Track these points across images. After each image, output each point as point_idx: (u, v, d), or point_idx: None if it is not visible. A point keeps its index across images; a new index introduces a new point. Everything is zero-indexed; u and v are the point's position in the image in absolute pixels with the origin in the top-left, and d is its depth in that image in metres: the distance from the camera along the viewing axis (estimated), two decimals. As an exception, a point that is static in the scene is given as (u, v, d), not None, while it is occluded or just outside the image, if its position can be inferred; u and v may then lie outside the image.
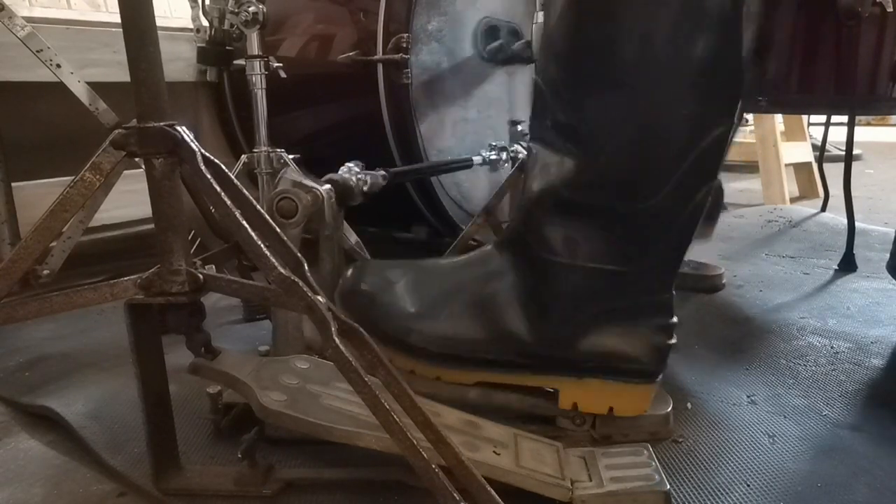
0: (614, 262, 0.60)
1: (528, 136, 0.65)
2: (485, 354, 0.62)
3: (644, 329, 0.60)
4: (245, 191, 0.52)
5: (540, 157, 0.62)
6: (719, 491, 0.55)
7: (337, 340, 0.45)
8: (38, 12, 1.26)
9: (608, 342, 0.60)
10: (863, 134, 3.54)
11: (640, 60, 0.55)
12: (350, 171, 0.82)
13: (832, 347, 0.84)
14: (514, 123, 1.27)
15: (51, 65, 0.91)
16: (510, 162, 1.18)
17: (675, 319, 0.61)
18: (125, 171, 0.51)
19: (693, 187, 0.58)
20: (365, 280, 0.66)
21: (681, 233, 0.60)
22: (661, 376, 0.62)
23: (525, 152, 1.21)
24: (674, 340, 0.61)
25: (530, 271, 0.62)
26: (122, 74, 0.52)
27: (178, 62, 1.21)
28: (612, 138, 0.57)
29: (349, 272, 0.67)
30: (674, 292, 0.62)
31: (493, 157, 1.16)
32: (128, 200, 1.00)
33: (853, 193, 1.20)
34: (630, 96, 0.56)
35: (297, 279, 0.46)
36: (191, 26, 1.16)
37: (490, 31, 1.22)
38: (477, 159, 1.14)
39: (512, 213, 1.01)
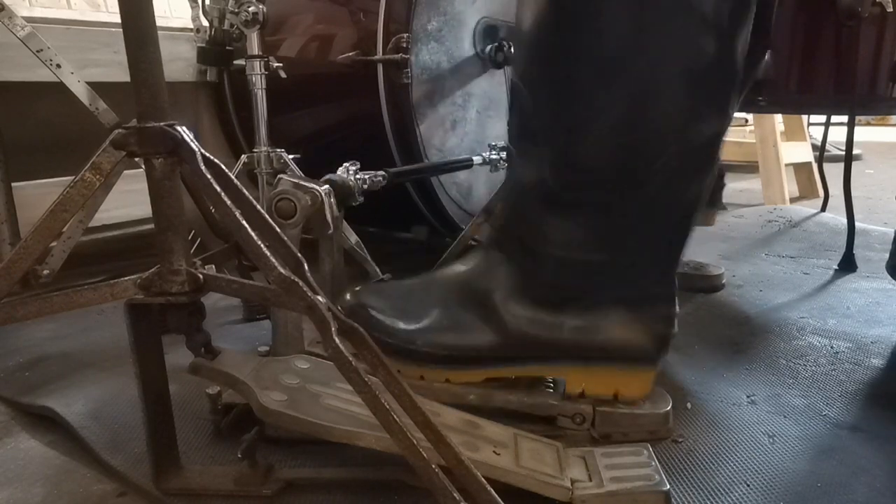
0: (607, 252, 0.60)
1: (507, 135, 0.65)
2: (491, 353, 0.63)
3: (645, 318, 0.61)
4: (245, 191, 0.52)
5: (522, 154, 0.62)
6: (719, 491, 0.55)
7: (337, 340, 0.45)
8: (38, 12, 1.27)
9: (609, 331, 0.61)
10: (863, 134, 3.54)
11: (626, 57, 0.54)
12: (349, 171, 0.82)
13: (832, 347, 0.84)
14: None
15: (51, 65, 0.91)
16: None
17: (677, 308, 0.62)
18: (125, 171, 0.51)
19: (685, 181, 0.58)
20: (362, 301, 0.66)
21: (678, 224, 0.60)
22: (663, 360, 0.63)
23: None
24: (675, 329, 0.62)
25: (526, 265, 0.62)
26: (122, 74, 0.52)
27: (178, 62, 1.21)
28: (596, 133, 0.57)
29: (347, 295, 0.68)
30: (675, 283, 0.62)
31: (493, 157, 1.16)
32: (128, 200, 1.00)
33: (853, 193, 1.20)
34: (614, 93, 0.55)
35: (297, 279, 0.46)
36: (191, 26, 1.16)
37: (488, 31, 1.22)
38: (477, 159, 1.14)
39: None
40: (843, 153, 1.17)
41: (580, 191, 0.59)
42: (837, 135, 1.70)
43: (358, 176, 0.81)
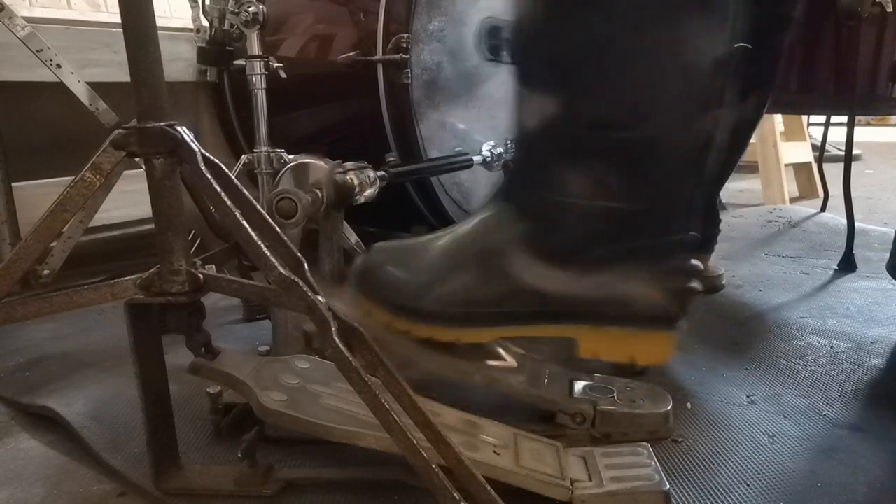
0: (623, 200, 0.58)
1: (514, 80, 0.63)
2: (499, 308, 0.61)
3: (661, 271, 0.59)
4: (245, 191, 0.52)
5: (529, 99, 0.60)
6: (719, 491, 0.55)
7: (337, 340, 0.45)
8: (38, 12, 1.26)
9: (624, 285, 0.59)
10: (863, 134, 3.54)
11: None
12: (350, 171, 0.82)
13: (832, 347, 0.84)
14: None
15: (51, 65, 0.91)
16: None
17: (696, 263, 0.60)
18: (125, 171, 0.51)
19: (694, 114, 0.56)
20: (375, 261, 0.65)
21: (689, 166, 0.58)
22: (681, 323, 0.60)
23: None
24: (695, 284, 0.59)
25: (539, 216, 0.60)
26: (122, 74, 0.52)
27: (179, 62, 1.21)
28: (601, 66, 0.55)
29: (358, 259, 0.67)
30: (693, 234, 0.60)
31: (494, 156, 1.16)
32: (128, 200, 1.00)
33: (853, 193, 1.20)
34: (612, 20, 0.54)
35: (297, 279, 0.46)
36: (191, 26, 1.16)
37: (492, 30, 1.22)
38: (477, 159, 1.14)
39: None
40: (843, 153, 1.17)
41: (589, 127, 0.57)
42: (837, 135, 1.70)
43: (359, 175, 0.81)
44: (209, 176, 0.47)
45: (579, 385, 0.64)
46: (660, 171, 0.58)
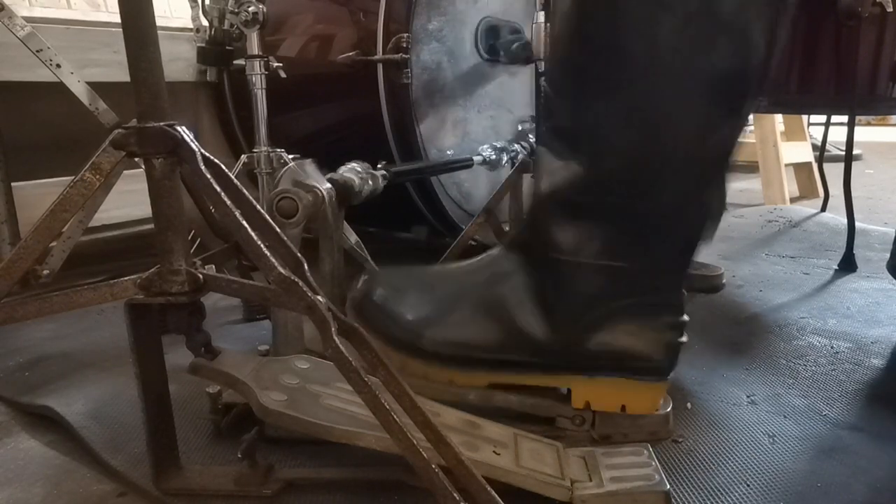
0: (622, 259, 0.59)
1: (535, 140, 0.65)
2: (496, 355, 0.62)
3: (655, 327, 0.60)
4: (245, 191, 0.52)
5: (545, 161, 0.62)
6: (719, 491, 0.55)
7: (337, 340, 0.45)
8: (38, 12, 1.27)
9: (620, 340, 0.60)
10: (863, 134, 3.54)
11: (646, 64, 0.55)
12: (350, 170, 0.82)
13: (832, 347, 0.84)
14: (521, 122, 1.27)
15: (51, 65, 0.91)
16: (510, 162, 1.18)
17: (685, 318, 0.61)
18: (125, 171, 0.51)
19: (700, 186, 0.58)
20: (374, 289, 0.66)
21: (689, 231, 0.60)
22: (671, 373, 0.62)
23: (524, 152, 1.21)
24: (685, 339, 0.61)
25: (539, 271, 0.62)
26: (122, 74, 0.52)
27: (178, 62, 1.21)
28: (617, 141, 0.57)
29: (360, 283, 0.67)
30: (684, 292, 0.62)
31: (493, 156, 1.16)
32: (128, 200, 1.00)
33: (853, 193, 1.20)
34: (635, 100, 0.56)
35: (297, 279, 0.46)
36: (191, 26, 1.16)
37: (490, 30, 1.22)
38: (477, 159, 1.14)
39: (512, 214, 1.01)
40: (843, 153, 1.17)
41: (598, 197, 0.59)
42: (837, 135, 1.70)
43: (360, 176, 0.81)
44: (209, 176, 0.47)
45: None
46: (663, 237, 0.60)
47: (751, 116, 2.09)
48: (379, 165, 0.89)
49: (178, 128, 0.47)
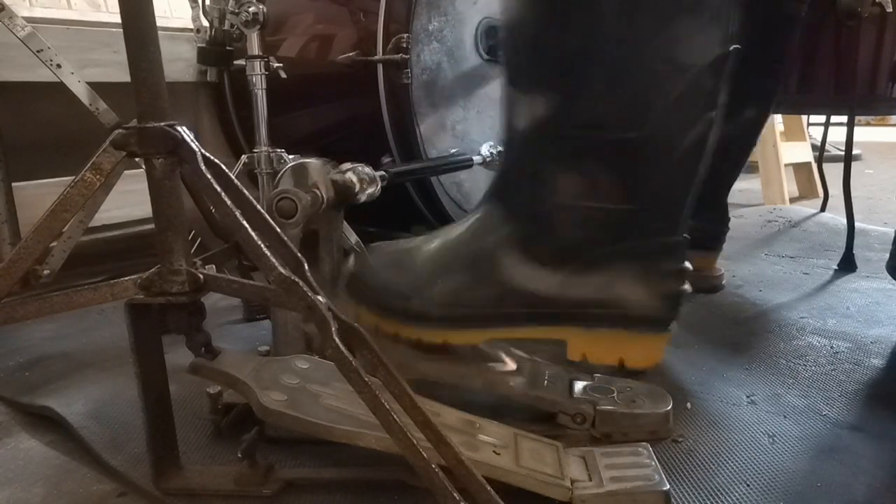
0: (614, 201, 0.57)
1: (504, 80, 0.61)
2: (488, 310, 0.60)
3: (654, 273, 0.58)
4: (245, 191, 0.52)
5: (519, 100, 0.59)
6: (719, 491, 0.55)
7: (337, 340, 0.45)
8: (38, 12, 1.27)
9: (616, 287, 0.58)
10: (863, 134, 3.54)
11: None
12: (350, 171, 0.82)
13: (832, 347, 0.84)
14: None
15: (51, 65, 0.91)
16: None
17: (686, 265, 0.59)
18: (125, 171, 0.51)
19: (688, 116, 0.55)
20: (364, 263, 0.64)
21: (682, 168, 0.57)
22: (673, 325, 0.59)
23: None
24: (686, 286, 0.58)
25: (530, 217, 0.60)
26: (122, 74, 0.52)
27: (179, 62, 1.21)
28: (595, 67, 0.54)
29: (350, 261, 0.66)
30: (685, 237, 0.59)
31: (494, 157, 1.16)
32: (128, 200, 1.00)
33: (853, 193, 1.20)
34: (605, 19, 0.53)
35: (297, 279, 0.46)
36: (191, 26, 1.16)
37: (490, 31, 1.22)
38: (477, 159, 1.14)
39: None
40: (843, 153, 1.18)
41: (583, 128, 0.56)
42: (837, 135, 1.70)
43: (360, 176, 0.81)
44: (209, 176, 0.47)
45: (579, 385, 0.64)
46: (652, 172, 0.57)
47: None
48: (384, 160, 0.88)
49: (179, 128, 0.47)
